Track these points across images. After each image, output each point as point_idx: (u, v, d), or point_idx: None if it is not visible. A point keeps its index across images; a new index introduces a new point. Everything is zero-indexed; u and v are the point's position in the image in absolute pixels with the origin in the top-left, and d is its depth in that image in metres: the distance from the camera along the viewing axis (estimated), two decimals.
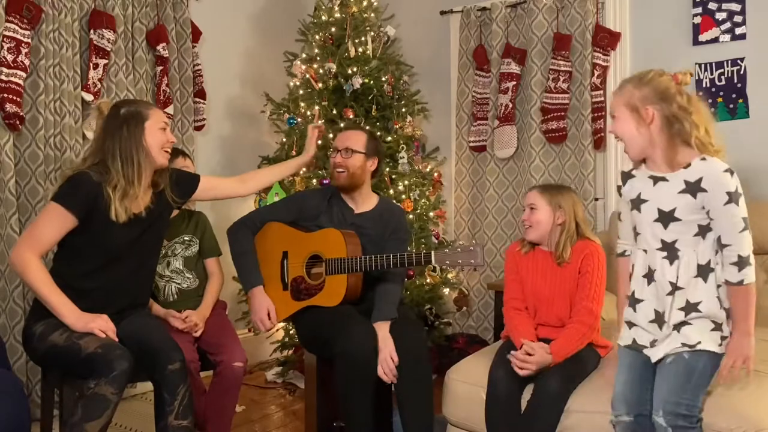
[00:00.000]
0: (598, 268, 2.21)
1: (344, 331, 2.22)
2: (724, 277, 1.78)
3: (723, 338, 1.82)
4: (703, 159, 1.77)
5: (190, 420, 2.05)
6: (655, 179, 1.85)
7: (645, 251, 1.89)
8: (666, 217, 1.82)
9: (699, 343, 1.79)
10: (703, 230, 1.81)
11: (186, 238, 2.58)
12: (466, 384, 2.23)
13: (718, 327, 1.82)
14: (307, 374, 2.60)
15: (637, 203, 1.90)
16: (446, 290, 3.69)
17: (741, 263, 1.75)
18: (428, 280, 3.55)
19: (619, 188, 2.01)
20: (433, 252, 2.27)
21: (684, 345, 1.81)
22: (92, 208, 2.04)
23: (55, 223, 2.03)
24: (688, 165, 1.78)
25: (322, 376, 2.51)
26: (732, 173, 1.76)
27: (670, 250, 1.83)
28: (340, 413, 2.31)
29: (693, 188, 1.78)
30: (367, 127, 3.41)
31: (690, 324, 1.82)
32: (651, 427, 1.80)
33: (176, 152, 2.60)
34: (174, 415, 2.02)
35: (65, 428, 1.89)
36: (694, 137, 1.76)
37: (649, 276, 1.88)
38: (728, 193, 1.74)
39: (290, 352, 3.59)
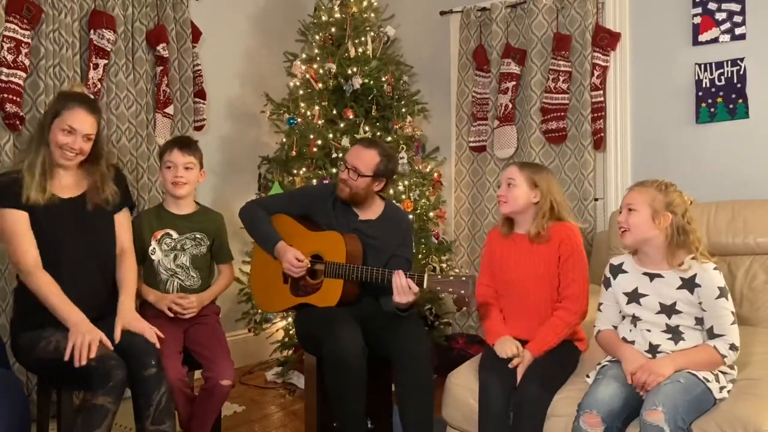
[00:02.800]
0: (577, 251, 2.24)
1: (331, 333, 2.23)
2: (712, 343, 1.89)
3: (722, 388, 1.87)
4: (693, 258, 1.95)
5: (168, 424, 2.04)
6: (651, 276, 2.00)
7: (649, 330, 1.98)
8: (669, 310, 1.96)
9: (701, 374, 1.86)
10: (701, 322, 1.96)
11: (198, 236, 2.54)
12: (466, 388, 2.23)
13: (716, 378, 1.89)
14: (307, 374, 2.60)
15: (635, 297, 2.02)
16: None
17: (733, 349, 1.89)
18: None
19: (607, 280, 2.10)
20: (426, 276, 2.23)
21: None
22: (22, 197, 2.07)
23: (17, 226, 2.06)
24: (681, 263, 1.95)
25: (322, 376, 2.51)
26: (720, 271, 1.94)
27: (675, 333, 1.96)
28: (333, 414, 2.32)
29: (689, 284, 1.94)
30: (366, 128, 3.43)
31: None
32: None
33: (168, 144, 2.57)
34: (150, 421, 2.01)
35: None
36: (695, 248, 1.95)
37: (653, 350, 1.96)
38: (719, 288, 1.91)
39: (290, 352, 3.58)
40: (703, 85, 3.17)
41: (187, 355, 2.37)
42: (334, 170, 3.38)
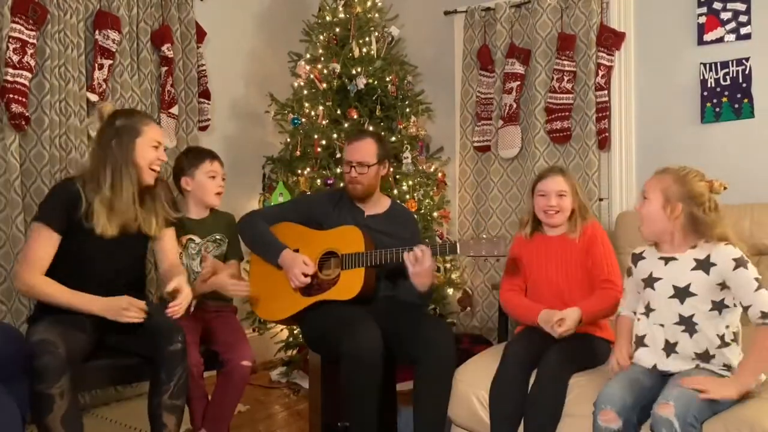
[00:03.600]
0: (602, 243, 2.33)
1: (350, 332, 2.22)
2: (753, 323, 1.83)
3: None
4: (707, 241, 1.91)
5: (182, 400, 2.12)
6: (666, 259, 1.97)
7: (662, 326, 1.95)
8: (682, 293, 1.92)
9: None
10: (718, 306, 1.88)
11: (218, 237, 2.61)
12: (472, 386, 2.23)
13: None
14: (311, 374, 2.60)
15: (650, 282, 1.99)
16: (450, 290, 3.69)
17: (764, 317, 1.79)
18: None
19: (629, 269, 2.10)
20: (458, 242, 2.30)
21: (702, 368, 1.87)
22: (71, 216, 2.10)
23: (44, 242, 2.10)
24: (695, 246, 1.92)
25: (326, 376, 2.51)
26: (734, 245, 1.88)
27: (688, 324, 1.90)
28: (345, 413, 2.31)
29: (704, 265, 1.89)
30: (371, 128, 3.43)
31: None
32: None
33: (204, 153, 2.64)
34: (169, 395, 2.08)
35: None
36: (709, 235, 1.90)
37: (669, 348, 1.93)
38: (734, 260, 1.84)
39: (295, 351, 3.59)
40: (708, 85, 3.16)
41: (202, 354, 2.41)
42: (338, 170, 3.38)
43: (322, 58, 3.57)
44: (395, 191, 3.41)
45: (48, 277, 2.08)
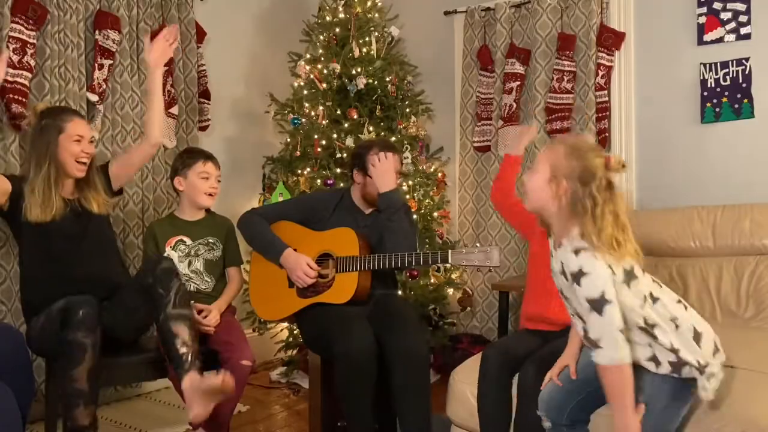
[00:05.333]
0: None
1: (345, 332, 2.23)
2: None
3: (674, 364, 1.66)
4: (581, 233, 1.66)
5: (188, 310, 2.12)
6: (553, 251, 1.79)
7: (572, 315, 1.80)
8: (562, 292, 1.78)
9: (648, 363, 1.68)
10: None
11: (210, 240, 2.61)
12: (470, 386, 2.22)
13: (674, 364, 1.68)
14: (311, 374, 2.61)
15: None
16: (450, 290, 3.69)
17: (589, 343, 1.65)
18: (432, 281, 3.55)
19: None
20: (450, 252, 2.30)
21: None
22: (17, 201, 2.18)
23: None
24: (561, 244, 1.71)
25: (326, 376, 2.52)
26: (578, 252, 1.62)
27: (579, 319, 1.73)
28: (342, 413, 2.32)
29: (563, 268, 1.70)
30: (371, 128, 3.44)
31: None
32: None
33: (198, 154, 2.64)
34: (171, 305, 2.07)
35: (59, 389, 2.02)
36: (586, 227, 1.64)
37: (589, 341, 1.69)
38: (572, 274, 1.63)
39: (294, 352, 3.59)
40: (708, 85, 3.16)
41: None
42: (338, 170, 3.39)
43: (322, 58, 3.57)
44: None
45: None
